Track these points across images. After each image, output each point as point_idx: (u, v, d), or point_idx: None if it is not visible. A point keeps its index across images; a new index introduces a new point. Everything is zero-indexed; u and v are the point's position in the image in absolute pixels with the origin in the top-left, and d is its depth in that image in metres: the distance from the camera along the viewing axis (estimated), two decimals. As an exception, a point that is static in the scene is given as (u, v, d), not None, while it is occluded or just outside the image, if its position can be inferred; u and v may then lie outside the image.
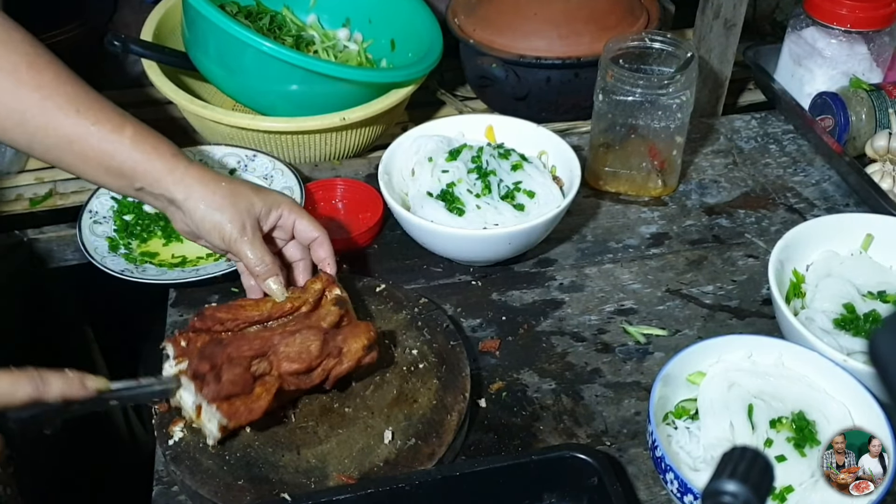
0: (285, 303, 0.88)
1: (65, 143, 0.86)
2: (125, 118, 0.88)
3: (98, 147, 0.86)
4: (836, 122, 1.22)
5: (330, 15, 1.41)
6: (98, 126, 0.85)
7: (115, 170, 0.87)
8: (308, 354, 0.80)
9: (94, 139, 0.86)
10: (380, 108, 1.20)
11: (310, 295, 0.88)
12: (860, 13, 1.22)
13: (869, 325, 0.92)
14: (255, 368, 0.79)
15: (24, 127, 0.85)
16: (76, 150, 0.87)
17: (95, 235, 1.06)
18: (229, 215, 0.87)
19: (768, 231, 1.14)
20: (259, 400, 0.79)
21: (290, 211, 0.91)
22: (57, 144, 0.86)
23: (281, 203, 0.91)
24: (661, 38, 1.14)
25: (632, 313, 1.03)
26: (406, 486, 0.76)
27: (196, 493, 0.80)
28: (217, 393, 0.77)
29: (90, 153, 0.87)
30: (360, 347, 0.83)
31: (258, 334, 0.83)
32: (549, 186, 1.06)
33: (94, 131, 0.85)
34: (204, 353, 0.79)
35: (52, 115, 0.85)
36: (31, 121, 0.85)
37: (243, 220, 0.87)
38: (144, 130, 0.88)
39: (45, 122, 0.85)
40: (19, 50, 0.85)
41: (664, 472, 0.78)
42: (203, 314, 0.85)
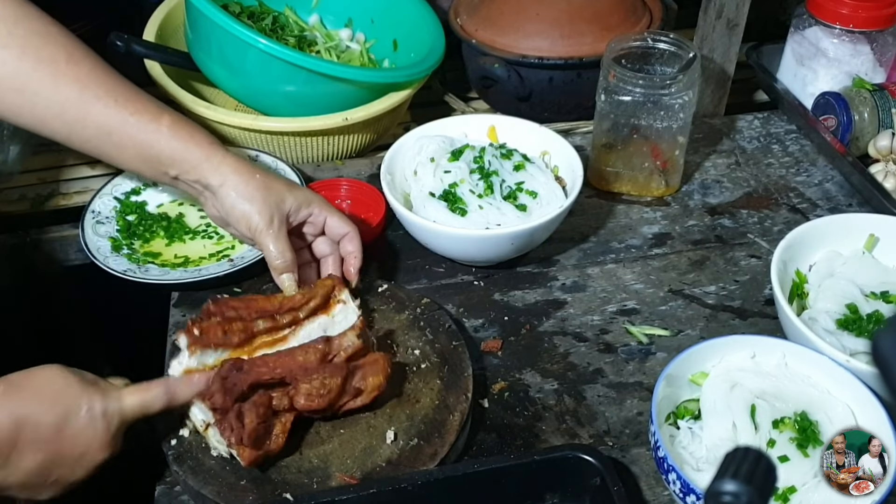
0: (295, 296, 0.89)
1: (103, 134, 0.89)
2: (162, 108, 0.90)
3: (137, 136, 0.88)
4: (839, 122, 1.22)
5: (332, 15, 1.41)
6: (136, 116, 0.88)
7: (154, 158, 0.90)
8: (328, 394, 0.80)
9: (132, 129, 0.88)
10: (382, 108, 1.20)
11: (319, 291, 0.89)
12: (863, 13, 1.22)
13: (872, 325, 0.92)
14: (276, 404, 0.79)
15: (63, 118, 0.88)
16: (115, 141, 0.89)
17: (98, 236, 1.06)
18: (259, 206, 0.89)
19: (771, 231, 1.14)
20: (277, 440, 0.80)
21: (322, 209, 0.94)
22: (96, 135, 0.89)
23: (312, 201, 0.93)
24: (664, 38, 1.14)
25: (634, 313, 1.03)
26: (408, 487, 0.76)
27: (199, 494, 0.80)
28: (238, 438, 0.77)
29: (128, 143, 0.89)
30: (377, 386, 0.83)
31: (280, 361, 0.81)
32: (551, 187, 1.06)
33: (133, 122, 0.88)
34: (226, 386, 0.78)
35: (91, 106, 0.87)
36: (70, 112, 0.87)
37: (272, 213, 0.90)
38: (181, 120, 0.91)
39: (84, 113, 0.87)
40: (58, 42, 0.87)
41: (666, 472, 0.78)
42: (216, 300, 0.86)
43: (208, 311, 0.85)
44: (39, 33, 0.87)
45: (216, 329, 0.84)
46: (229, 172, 0.89)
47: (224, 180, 0.89)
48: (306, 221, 0.94)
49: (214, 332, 0.84)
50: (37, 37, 0.87)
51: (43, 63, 0.86)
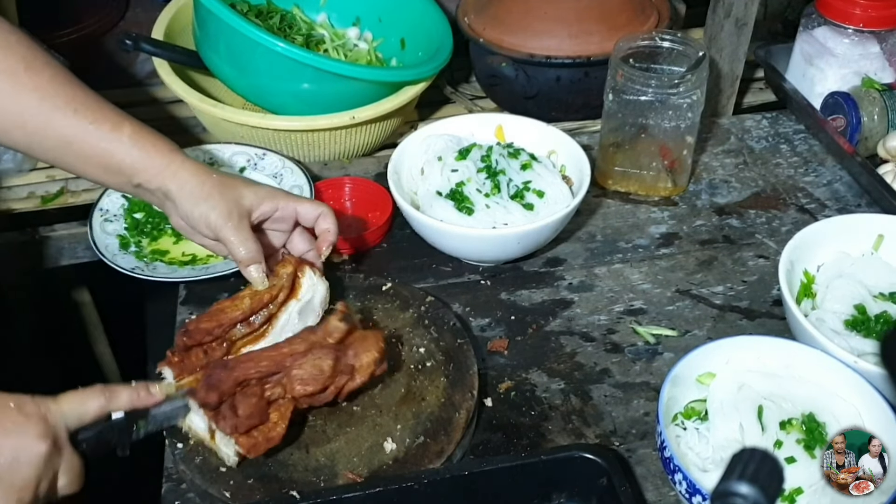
0: (263, 293, 0.88)
1: (64, 144, 0.87)
2: (123, 117, 0.89)
3: (97, 146, 0.87)
4: (848, 122, 1.21)
5: (340, 14, 1.41)
6: (96, 125, 0.86)
7: (115, 167, 0.88)
8: (321, 374, 0.80)
9: (92, 138, 0.87)
10: (389, 107, 1.20)
11: (283, 280, 0.88)
12: (872, 12, 1.22)
13: (880, 326, 0.91)
14: (269, 394, 0.79)
15: (24, 129, 0.86)
16: (75, 150, 0.88)
17: (106, 233, 1.07)
18: (215, 202, 0.88)
19: (779, 231, 1.14)
20: (276, 427, 0.79)
21: (288, 200, 0.93)
22: (56, 145, 0.87)
23: (276, 195, 0.92)
24: (672, 38, 1.14)
25: (641, 313, 1.02)
26: (415, 485, 0.76)
27: (205, 492, 0.80)
28: (234, 428, 0.77)
29: (89, 152, 0.88)
30: (372, 361, 0.82)
31: (265, 354, 0.82)
32: (558, 186, 1.06)
33: (93, 130, 0.87)
34: (211, 382, 0.78)
35: (50, 116, 0.86)
36: (30, 122, 0.86)
37: (230, 208, 0.88)
38: (142, 128, 0.89)
39: (43, 123, 0.86)
40: (17, 52, 0.85)
41: (673, 472, 0.78)
42: (188, 331, 0.85)
43: (186, 346, 0.85)
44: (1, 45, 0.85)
45: (196, 353, 0.85)
46: (187, 176, 0.88)
47: (182, 184, 0.88)
48: (274, 217, 0.93)
49: (196, 355, 0.84)
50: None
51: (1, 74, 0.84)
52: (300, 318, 0.89)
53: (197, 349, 0.85)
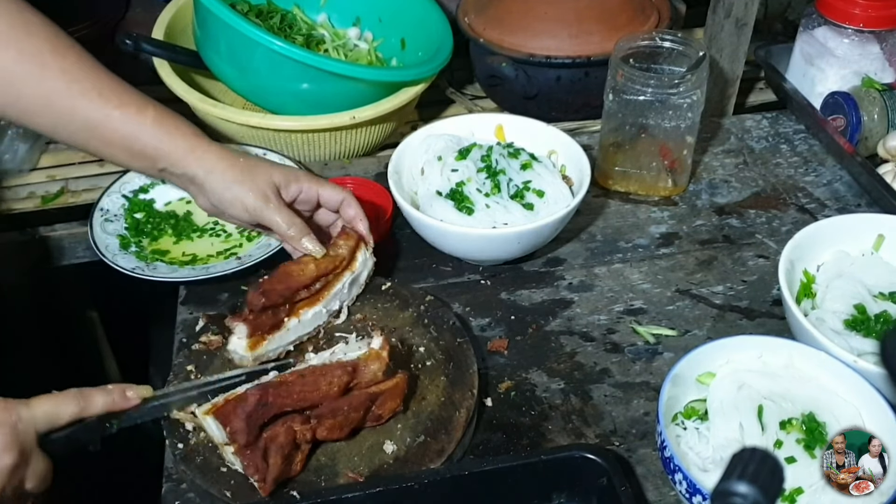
0: (328, 262, 0.91)
1: (89, 128, 0.88)
2: (146, 101, 0.90)
3: (122, 130, 0.88)
4: (848, 122, 1.21)
5: (340, 14, 1.41)
6: (121, 110, 0.87)
7: (139, 152, 0.89)
8: (350, 425, 0.81)
9: (117, 122, 0.88)
10: (390, 107, 1.20)
11: (344, 252, 0.93)
12: (872, 12, 1.22)
13: (880, 326, 0.91)
14: (300, 438, 0.79)
15: (50, 112, 0.87)
16: (100, 134, 0.89)
17: (107, 233, 1.07)
18: (249, 186, 0.90)
19: (779, 231, 1.14)
20: (296, 466, 0.80)
21: (311, 182, 0.94)
22: (81, 129, 0.88)
23: (300, 176, 0.94)
24: (672, 38, 1.14)
25: (641, 313, 1.03)
26: (415, 485, 0.76)
27: (206, 492, 0.80)
28: (262, 476, 0.77)
29: (114, 136, 0.88)
30: (394, 408, 0.83)
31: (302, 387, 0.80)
32: (558, 186, 1.06)
33: (118, 115, 0.87)
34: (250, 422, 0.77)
35: (76, 100, 0.86)
36: (55, 105, 0.86)
37: (264, 190, 0.90)
38: (165, 112, 0.90)
39: (69, 107, 0.87)
40: (41, 34, 0.86)
41: (673, 472, 0.78)
42: (265, 291, 0.86)
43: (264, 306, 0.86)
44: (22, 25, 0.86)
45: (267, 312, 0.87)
46: (214, 160, 0.90)
47: (210, 168, 0.90)
48: (298, 199, 0.95)
49: (266, 315, 0.87)
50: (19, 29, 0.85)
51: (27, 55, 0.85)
52: (349, 290, 0.95)
53: (269, 310, 0.87)
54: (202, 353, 0.92)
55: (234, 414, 0.77)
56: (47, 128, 0.90)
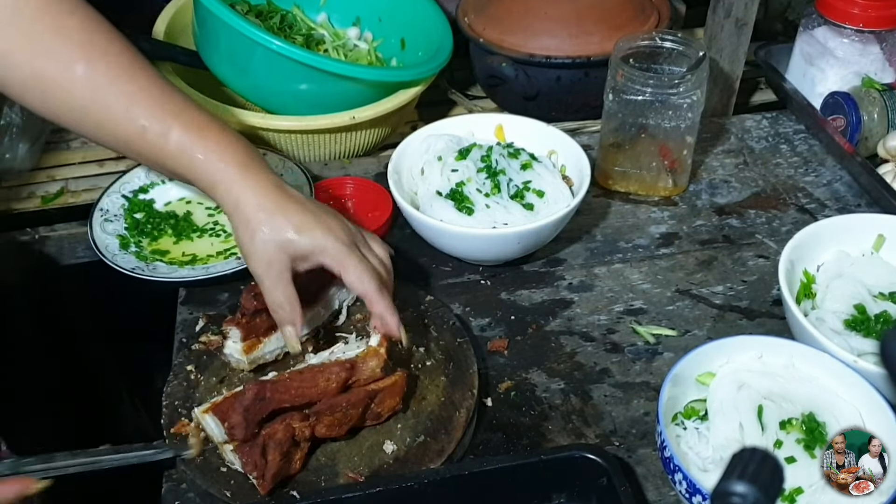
0: None
1: (123, 143, 0.82)
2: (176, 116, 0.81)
3: (149, 150, 0.81)
4: (848, 122, 1.21)
5: (340, 14, 1.41)
6: (145, 127, 0.80)
7: (175, 174, 0.82)
8: (348, 422, 0.81)
9: (144, 143, 0.80)
10: (389, 107, 1.20)
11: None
12: (872, 12, 1.22)
13: (880, 326, 0.91)
14: (299, 435, 0.79)
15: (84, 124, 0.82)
16: (134, 150, 0.82)
17: (106, 233, 1.07)
18: (256, 248, 0.79)
19: (779, 231, 1.14)
20: (295, 464, 0.80)
21: (334, 260, 0.81)
22: (117, 144, 0.83)
23: (325, 250, 0.80)
24: (672, 38, 1.14)
25: (641, 313, 1.02)
26: (415, 485, 0.76)
27: (206, 492, 0.80)
28: (261, 473, 0.77)
29: (147, 154, 0.82)
30: (393, 406, 0.83)
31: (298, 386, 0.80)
32: (558, 186, 1.06)
33: (143, 134, 0.80)
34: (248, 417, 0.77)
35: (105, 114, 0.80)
36: (89, 119, 0.81)
37: (270, 258, 0.79)
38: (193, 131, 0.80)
39: (100, 121, 0.81)
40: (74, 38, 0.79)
41: (673, 472, 0.78)
42: (257, 294, 0.85)
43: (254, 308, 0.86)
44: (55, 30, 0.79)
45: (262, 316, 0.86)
46: (236, 202, 0.80)
47: (234, 209, 0.80)
48: None
49: (261, 318, 0.86)
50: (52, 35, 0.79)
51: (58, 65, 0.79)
52: (349, 291, 0.93)
53: (263, 312, 0.85)
54: (202, 353, 0.92)
55: (232, 409, 0.77)
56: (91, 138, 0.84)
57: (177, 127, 0.80)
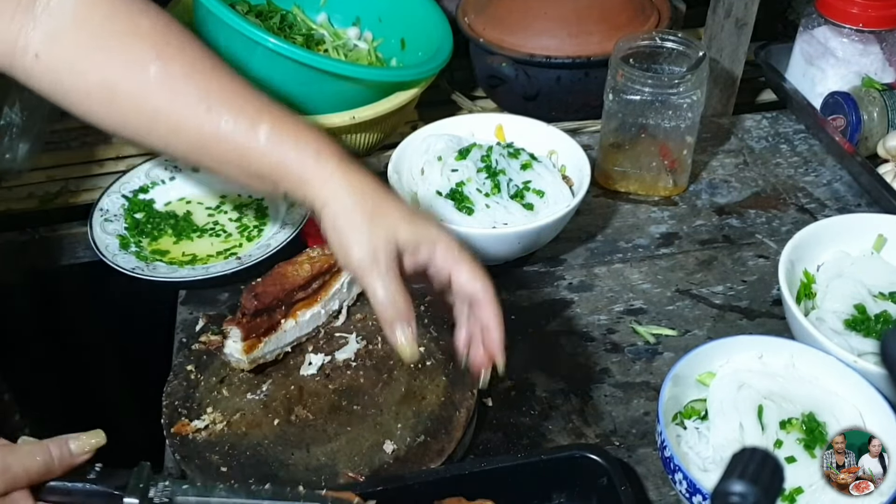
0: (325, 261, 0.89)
1: (199, 146, 0.76)
2: (262, 112, 0.76)
3: (232, 149, 0.75)
4: (848, 122, 1.21)
5: (340, 14, 1.41)
6: (230, 125, 0.74)
7: (255, 173, 0.76)
8: None
9: (226, 141, 0.75)
10: (389, 107, 1.20)
11: None
12: (872, 12, 1.22)
13: (880, 326, 0.91)
14: None
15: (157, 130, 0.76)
16: (212, 153, 0.77)
17: (106, 233, 1.07)
18: (359, 237, 0.72)
19: (779, 231, 1.14)
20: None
21: (447, 254, 0.74)
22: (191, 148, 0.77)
23: (436, 241, 0.74)
24: (672, 38, 1.14)
25: (641, 313, 1.02)
26: (415, 485, 0.76)
27: (205, 491, 0.80)
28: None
29: (226, 155, 0.76)
30: None
31: None
32: (558, 186, 1.06)
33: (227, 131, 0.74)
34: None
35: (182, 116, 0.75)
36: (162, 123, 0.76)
37: (375, 248, 0.72)
38: (284, 126, 0.76)
39: (176, 124, 0.75)
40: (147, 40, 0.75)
41: (673, 472, 0.78)
42: (257, 294, 0.86)
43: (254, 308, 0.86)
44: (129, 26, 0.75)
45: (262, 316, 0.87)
46: (332, 194, 0.73)
47: (327, 202, 0.73)
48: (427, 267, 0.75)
49: (261, 318, 0.87)
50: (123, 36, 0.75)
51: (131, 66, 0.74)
52: (348, 289, 0.94)
53: (264, 312, 0.87)
54: (202, 353, 0.92)
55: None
56: (160, 146, 0.78)
57: (265, 122, 0.75)
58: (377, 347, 0.92)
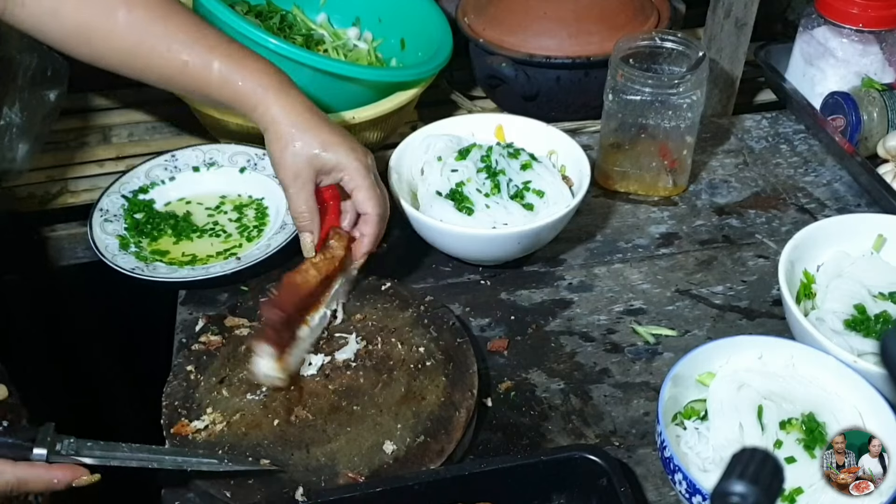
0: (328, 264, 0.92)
1: (167, 79, 0.91)
2: (214, 49, 0.89)
3: (193, 82, 0.89)
4: (848, 122, 1.21)
5: (340, 14, 1.41)
6: (188, 63, 0.88)
7: (216, 101, 0.92)
8: None
9: (187, 77, 0.89)
10: (389, 107, 1.20)
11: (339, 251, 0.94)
12: (872, 12, 1.22)
13: (880, 326, 0.91)
14: None
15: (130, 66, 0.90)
16: (179, 85, 0.92)
17: (106, 233, 1.07)
18: (286, 158, 0.89)
19: (779, 231, 1.14)
20: None
21: (352, 178, 0.92)
22: (161, 80, 0.91)
23: (346, 167, 0.91)
24: (672, 38, 1.14)
25: (641, 313, 1.02)
26: (415, 485, 0.76)
27: (205, 492, 0.80)
28: None
29: (189, 87, 0.91)
30: None
31: None
32: (558, 186, 1.06)
33: (186, 70, 0.88)
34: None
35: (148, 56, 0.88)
36: (133, 60, 0.89)
37: (298, 169, 0.90)
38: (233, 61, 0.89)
39: (144, 61, 0.89)
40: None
41: (673, 472, 0.78)
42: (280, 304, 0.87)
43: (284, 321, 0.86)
44: None
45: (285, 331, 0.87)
46: (271, 119, 0.89)
47: (267, 127, 0.90)
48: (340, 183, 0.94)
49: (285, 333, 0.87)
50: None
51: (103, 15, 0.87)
52: (343, 288, 0.96)
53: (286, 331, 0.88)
54: (202, 354, 0.92)
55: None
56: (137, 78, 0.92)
57: (217, 58, 0.88)
58: (377, 348, 0.92)
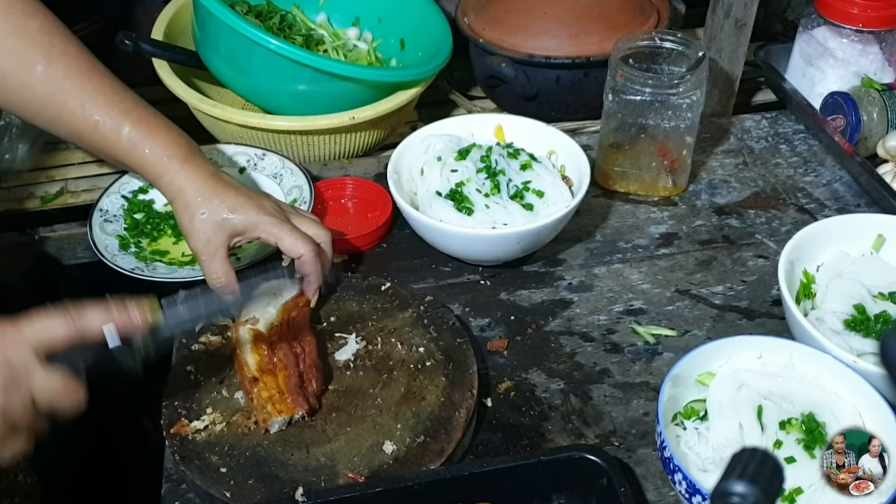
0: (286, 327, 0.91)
1: (76, 136, 0.89)
2: (127, 113, 0.88)
3: (101, 142, 0.89)
4: (848, 122, 1.21)
5: (340, 14, 1.41)
6: (98, 123, 0.87)
7: (122, 164, 0.91)
8: None
9: (97, 137, 0.88)
10: (389, 107, 1.20)
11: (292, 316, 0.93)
12: (872, 12, 1.22)
13: (879, 326, 0.91)
14: None
15: (42, 116, 0.89)
16: (87, 143, 0.90)
17: (106, 234, 1.07)
18: (195, 227, 0.89)
19: (779, 231, 1.14)
20: None
21: (269, 232, 0.90)
22: (71, 136, 0.90)
23: (258, 225, 0.90)
24: (672, 38, 1.14)
25: (641, 313, 1.02)
26: (415, 485, 0.76)
27: (206, 492, 0.80)
28: None
29: (98, 147, 0.90)
30: None
31: None
32: (558, 186, 1.06)
33: (97, 129, 0.88)
34: None
35: (59, 110, 0.88)
36: (45, 112, 0.88)
37: (208, 236, 0.89)
38: (143, 128, 0.88)
39: (56, 115, 0.88)
40: (35, 40, 0.86)
41: (672, 472, 0.78)
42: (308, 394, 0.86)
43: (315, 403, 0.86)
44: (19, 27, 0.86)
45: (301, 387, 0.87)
46: (178, 189, 0.89)
47: (174, 196, 0.89)
48: None
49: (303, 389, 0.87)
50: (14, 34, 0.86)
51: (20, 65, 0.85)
52: None
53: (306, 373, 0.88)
54: (202, 354, 0.92)
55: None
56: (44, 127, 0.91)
57: (128, 123, 0.88)
58: (377, 348, 0.92)
